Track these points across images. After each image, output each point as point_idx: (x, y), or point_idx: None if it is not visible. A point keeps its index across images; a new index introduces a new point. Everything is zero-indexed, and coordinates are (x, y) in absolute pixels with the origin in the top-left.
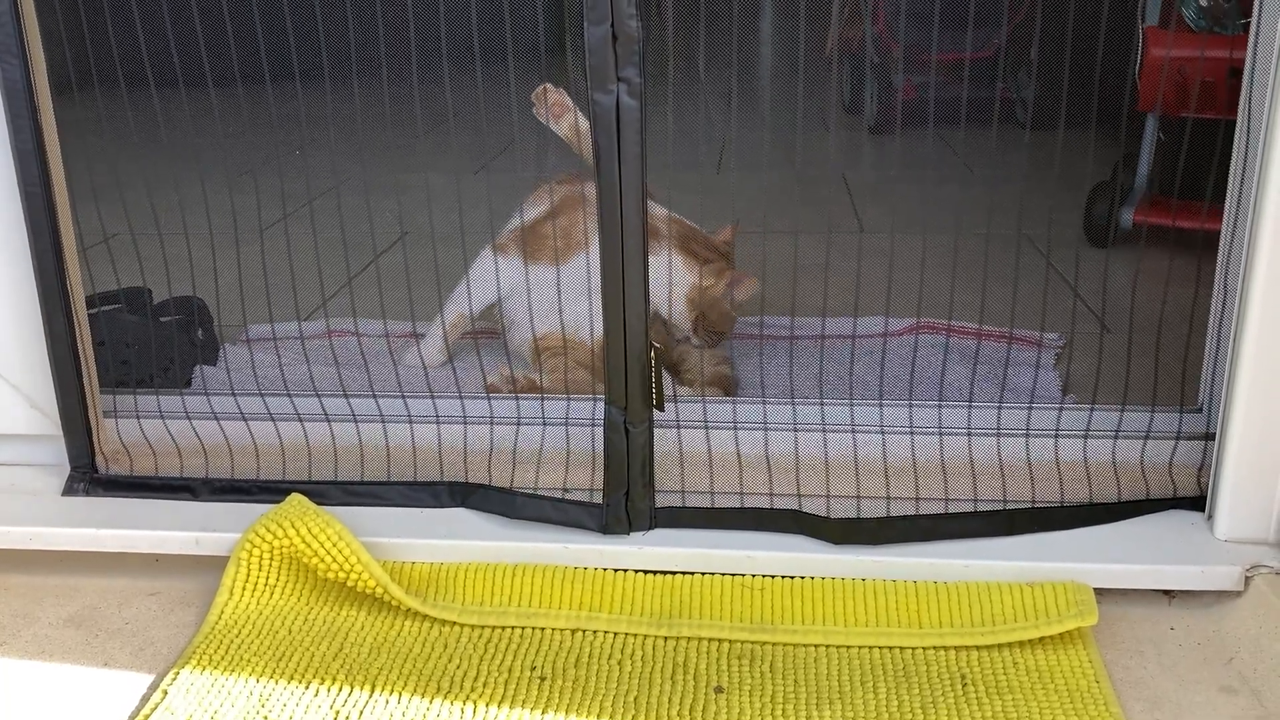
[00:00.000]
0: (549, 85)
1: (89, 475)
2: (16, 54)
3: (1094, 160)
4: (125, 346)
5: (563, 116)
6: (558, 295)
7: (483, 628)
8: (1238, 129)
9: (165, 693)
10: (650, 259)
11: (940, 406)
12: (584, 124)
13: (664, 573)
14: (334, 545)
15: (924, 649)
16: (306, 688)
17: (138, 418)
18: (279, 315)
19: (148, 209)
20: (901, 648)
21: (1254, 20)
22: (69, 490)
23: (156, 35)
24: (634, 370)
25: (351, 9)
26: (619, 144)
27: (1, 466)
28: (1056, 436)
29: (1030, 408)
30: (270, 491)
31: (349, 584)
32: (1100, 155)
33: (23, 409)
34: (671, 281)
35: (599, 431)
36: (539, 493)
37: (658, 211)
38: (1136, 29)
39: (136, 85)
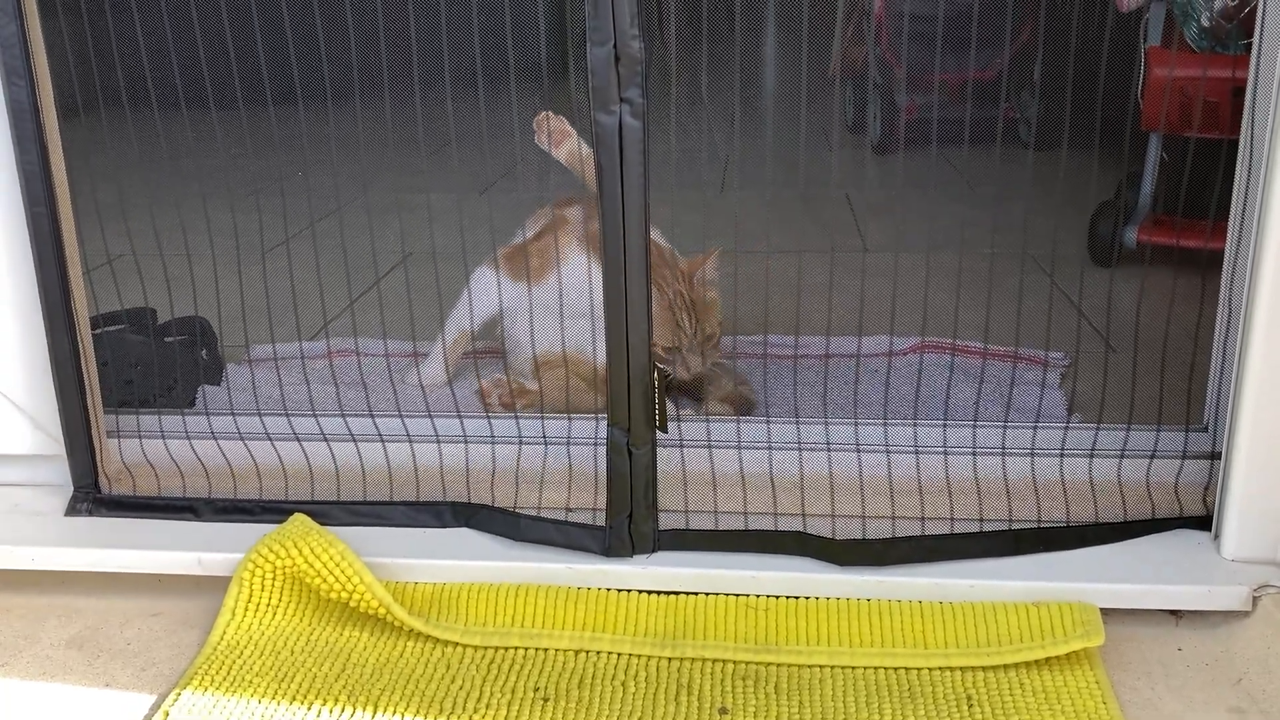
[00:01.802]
0: (549, 112)
1: (92, 495)
2: (23, 75)
3: (1098, 179)
4: (129, 366)
5: (563, 143)
6: (559, 309)
7: (486, 648)
8: (1240, 148)
9: (167, 714)
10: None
11: (945, 426)
12: (584, 150)
13: (668, 593)
14: (337, 565)
15: (929, 669)
16: (309, 709)
17: (140, 438)
18: (285, 336)
19: (152, 230)
20: (907, 668)
21: (1255, 40)
22: (72, 510)
23: (160, 58)
24: (637, 391)
25: (354, 31)
26: (622, 164)
27: (5, 487)
28: (1062, 456)
29: (1035, 427)
30: (273, 511)
31: (352, 604)
32: (1104, 174)
33: (26, 429)
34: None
35: (602, 450)
36: (542, 515)
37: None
38: (1139, 49)
39: (140, 107)
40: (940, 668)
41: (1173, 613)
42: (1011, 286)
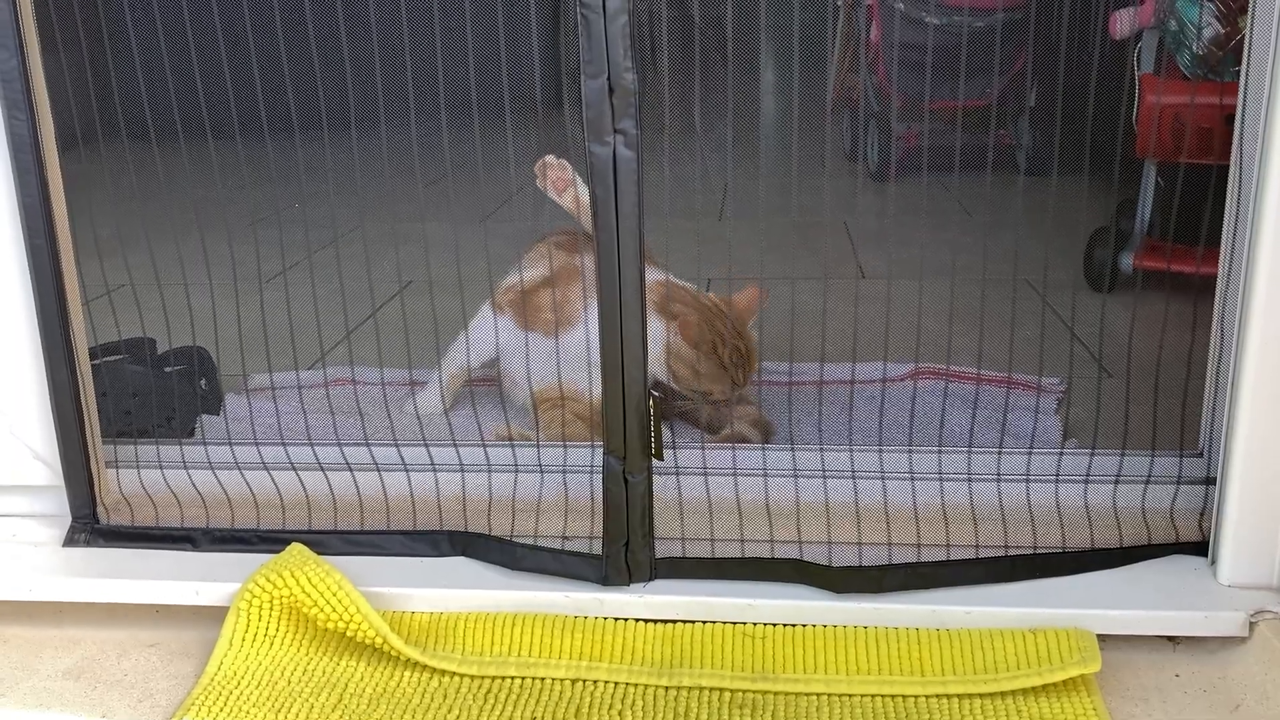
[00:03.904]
0: (550, 158)
1: (90, 526)
2: (24, 109)
3: (1096, 205)
4: (128, 397)
5: (565, 190)
6: (556, 362)
7: (482, 678)
8: (1230, 173)
9: None
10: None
11: (940, 452)
12: (586, 196)
13: (665, 621)
14: (333, 595)
15: (927, 697)
16: None
17: (138, 468)
18: (283, 365)
19: (150, 261)
20: (904, 696)
21: (1244, 66)
22: (70, 541)
23: (159, 89)
24: (632, 420)
25: (350, 62)
26: (616, 195)
27: (3, 517)
28: (1057, 482)
29: (1030, 453)
30: (271, 541)
31: (349, 634)
32: (1101, 201)
33: (25, 460)
34: (666, 348)
35: (598, 478)
36: (539, 544)
37: (651, 277)
38: (1133, 76)
39: (139, 138)
40: (937, 695)
41: (1170, 639)
42: (1010, 313)
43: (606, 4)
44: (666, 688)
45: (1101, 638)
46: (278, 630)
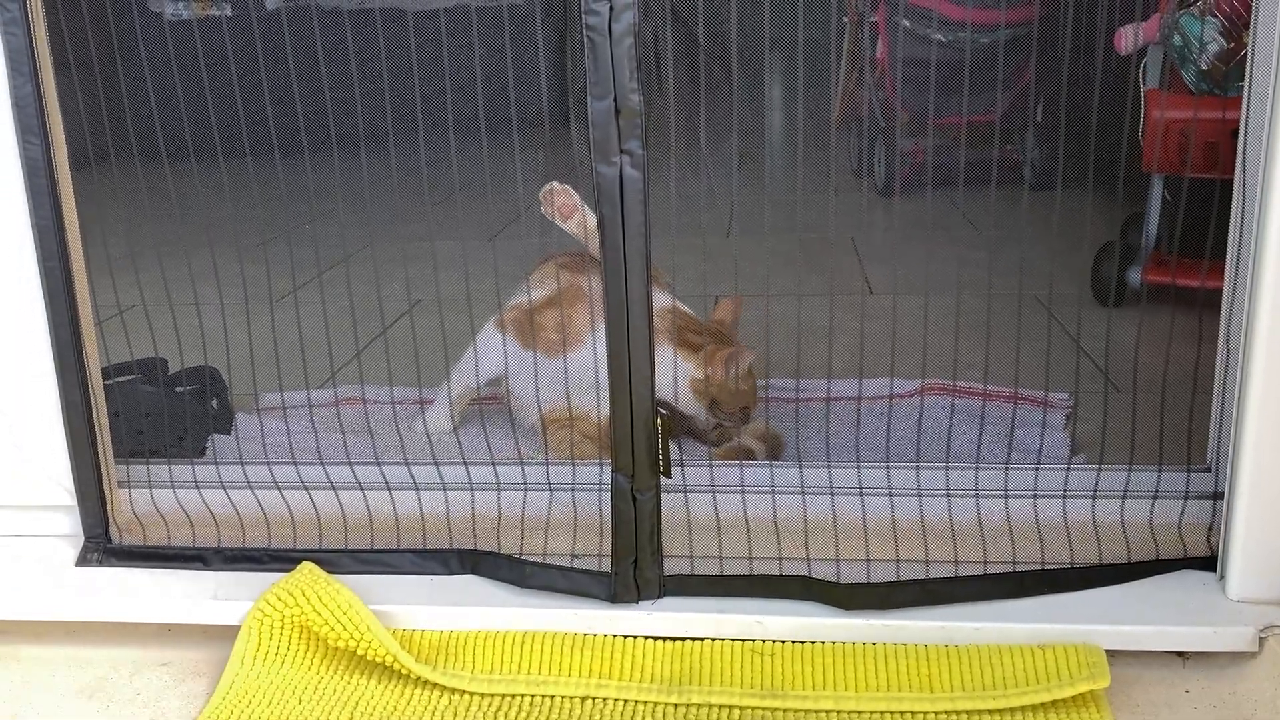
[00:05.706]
0: (555, 184)
1: (103, 545)
2: (38, 133)
3: (1103, 220)
4: (141, 417)
5: (571, 216)
6: (564, 382)
7: (492, 696)
8: (1235, 188)
9: None
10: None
11: (948, 468)
12: (592, 222)
13: (673, 639)
14: (344, 614)
15: (935, 713)
16: None
17: (150, 488)
18: (293, 384)
19: (162, 281)
20: (913, 712)
21: (1246, 81)
22: (83, 561)
23: (170, 110)
24: (640, 437)
25: (359, 82)
26: (623, 214)
27: (16, 537)
28: (1065, 497)
29: (1038, 468)
30: (282, 560)
31: (359, 652)
32: (1107, 215)
33: (39, 480)
34: (676, 378)
35: (606, 496)
36: (548, 561)
37: (659, 303)
38: (1139, 92)
39: (150, 159)
40: (946, 711)
41: (1179, 654)
42: (1024, 327)
43: (612, 27)
44: (676, 705)
45: (1111, 654)
46: (289, 649)
